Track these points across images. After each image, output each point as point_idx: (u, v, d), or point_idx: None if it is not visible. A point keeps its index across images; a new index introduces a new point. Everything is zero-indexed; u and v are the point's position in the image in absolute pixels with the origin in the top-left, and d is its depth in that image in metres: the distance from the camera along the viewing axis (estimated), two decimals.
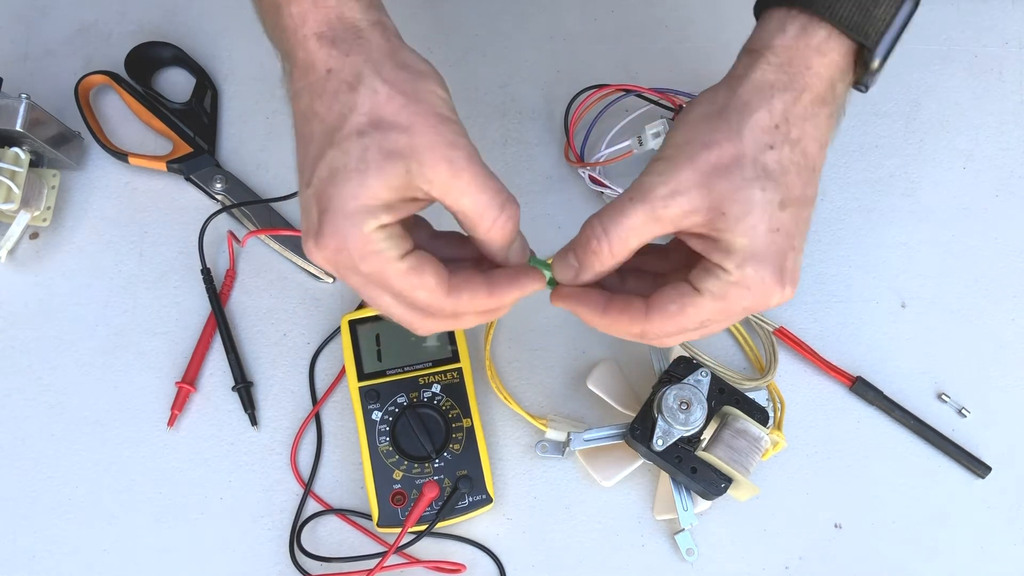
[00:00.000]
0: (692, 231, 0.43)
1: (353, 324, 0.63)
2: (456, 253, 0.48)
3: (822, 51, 0.43)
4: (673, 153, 0.43)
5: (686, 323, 0.44)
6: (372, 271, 0.43)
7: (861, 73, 0.44)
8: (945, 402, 0.64)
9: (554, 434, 0.61)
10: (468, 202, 0.42)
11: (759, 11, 0.45)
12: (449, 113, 0.43)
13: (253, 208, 0.67)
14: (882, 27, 0.43)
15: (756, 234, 0.42)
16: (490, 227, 0.43)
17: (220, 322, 0.64)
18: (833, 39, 0.43)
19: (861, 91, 0.46)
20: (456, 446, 0.60)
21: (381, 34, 0.43)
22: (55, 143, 0.65)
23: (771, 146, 0.42)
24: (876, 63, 0.43)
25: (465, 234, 0.46)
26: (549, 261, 0.48)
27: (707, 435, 0.57)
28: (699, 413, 0.55)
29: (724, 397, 0.58)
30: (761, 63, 0.43)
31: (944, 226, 0.68)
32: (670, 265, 0.49)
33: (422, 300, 0.44)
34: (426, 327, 0.46)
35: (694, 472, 0.56)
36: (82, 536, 0.61)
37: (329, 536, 0.61)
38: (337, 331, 0.65)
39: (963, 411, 0.64)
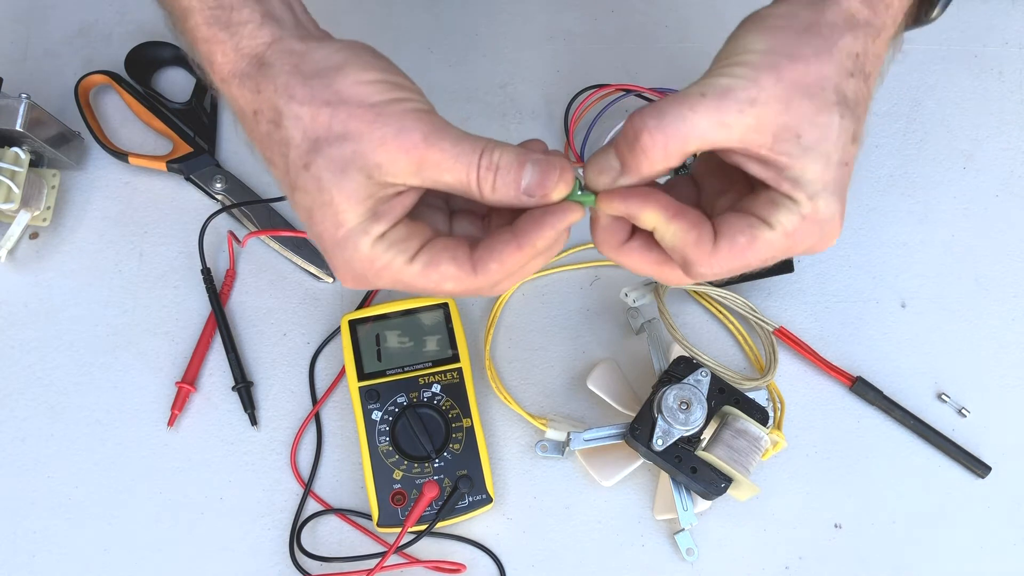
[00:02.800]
0: (752, 152, 0.39)
1: (353, 324, 0.63)
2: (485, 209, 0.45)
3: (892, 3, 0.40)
4: (754, 59, 0.38)
5: (751, 259, 0.40)
6: (391, 281, 0.42)
7: (917, 19, 0.43)
8: (945, 402, 0.64)
9: (554, 434, 0.61)
10: (449, 178, 0.40)
11: None
12: (383, 95, 0.39)
13: (253, 208, 0.67)
14: None
15: (830, 163, 0.38)
16: (485, 188, 0.40)
17: (220, 322, 0.64)
18: None
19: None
20: (456, 446, 0.60)
21: (282, 51, 0.40)
22: (55, 143, 0.65)
23: (852, 74, 0.39)
24: (936, 12, 0.43)
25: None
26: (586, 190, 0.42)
27: (707, 435, 0.57)
28: (699, 413, 0.55)
29: (724, 397, 0.58)
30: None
31: (944, 226, 0.68)
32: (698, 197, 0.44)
33: (450, 290, 0.42)
34: (491, 292, 0.43)
35: (694, 472, 0.56)
36: (82, 536, 0.61)
37: (329, 536, 0.61)
38: (337, 331, 0.65)
39: (963, 411, 0.64)
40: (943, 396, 0.64)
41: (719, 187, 0.44)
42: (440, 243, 0.42)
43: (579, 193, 0.42)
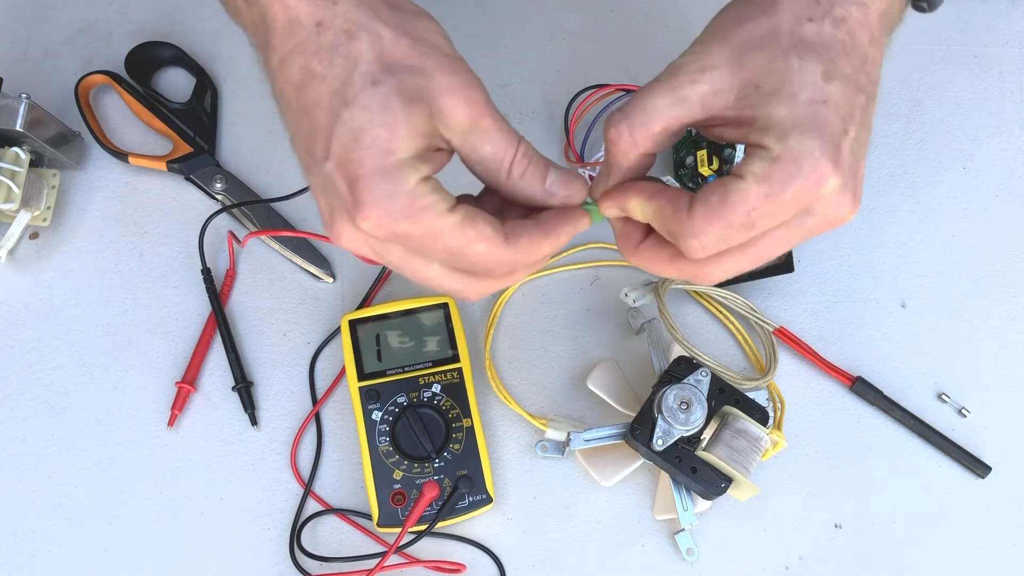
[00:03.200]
0: (725, 115, 0.40)
1: (353, 324, 0.63)
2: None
3: None
4: (705, 36, 0.40)
5: (730, 215, 0.38)
6: (424, 232, 0.39)
7: None
8: (945, 402, 0.64)
9: (554, 434, 0.61)
10: (489, 149, 0.40)
11: None
12: (455, 53, 0.40)
13: (253, 208, 0.67)
14: None
15: (796, 102, 0.38)
16: (516, 171, 0.41)
17: (220, 322, 0.64)
18: None
19: (923, 8, 0.44)
20: (456, 446, 0.60)
21: None
22: (55, 143, 0.65)
23: (810, 19, 0.39)
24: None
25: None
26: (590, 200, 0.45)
27: (707, 435, 0.57)
28: (699, 413, 0.55)
29: (724, 397, 0.58)
30: None
31: (944, 226, 0.68)
32: None
33: (479, 255, 0.41)
34: (478, 290, 0.43)
35: (694, 472, 0.56)
36: (82, 536, 0.61)
37: (329, 536, 0.61)
38: (337, 331, 0.65)
39: (963, 411, 0.64)
40: (943, 396, 0.64)
41: None
42: (475, 207, 0.41)
43: (588, 201, 0.44)
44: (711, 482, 0.56)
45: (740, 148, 0.61)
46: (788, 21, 0.39)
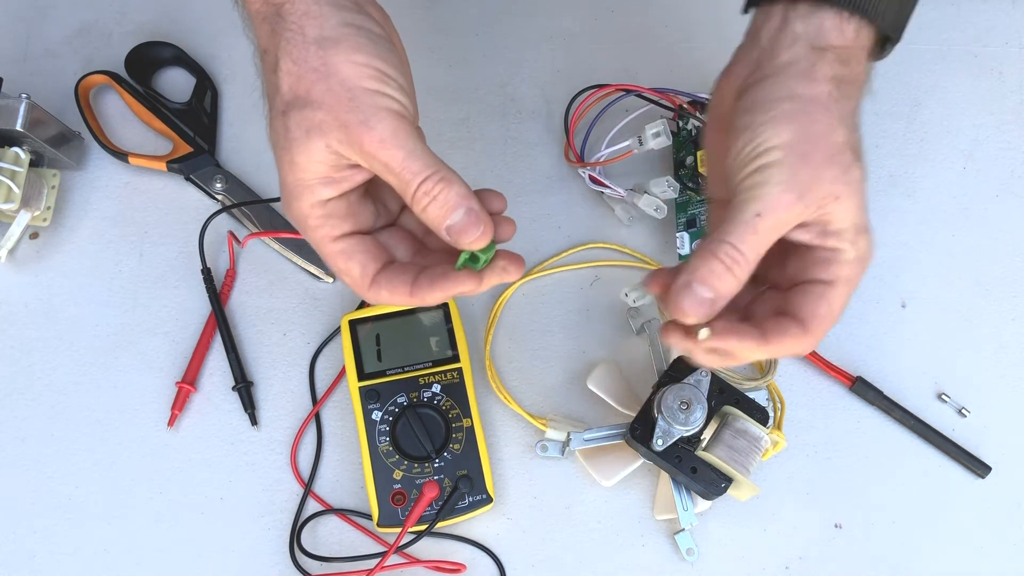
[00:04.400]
0: (803, 222, 0.43)
1: (353, 324, 0.63)
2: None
3: (866, 47, 0.45)
4: (782, 156, 0.42)
5: (836, 316, 0.44)
6: (313, 242, 0.46)
7: (874, 56, 0.47)
8: (945, 402, 0.64)
9: (554, 434, 0.61)
10: (391, 179, 0.44)
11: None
12: (365, 82, 0.42)
13: (253, 208, 0.67)
14: (906, 20, 0.46)
15: (859, 208, 0.43)
16: (417, 206, 0.44)
17: (220, 322, 0.64)
18: (872, 35, 0.45)
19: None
20: (456, 446, 0.60)
21: (297, 10, 0.43)
22: (55, 143, 0.65)
23: (855, 128, 0.44)
24: (889, 50, 0.47)
25: None
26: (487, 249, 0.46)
27: (707, 435, 0.57)
28: (699, 413, 0.55)
29: (724, 397, 0.58)
30: (828, 59, 0.44)
31: (944, 226, 0.68)
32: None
33: (346, 282, 0.47)
34: (366, 298, 0.48)
35: (694, 472, 0.56)
36: (82, 536, 0.61)
37: (329, 536, 0.61)
38: (337, 331, 0.65)
39: (963, 411, 0.64)
40: (943, 396, 0.64)
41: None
42: (365, 244, 0.46)
43: (480, 258, 0.46)
44: (711, 482, 0.56)
45: None
46: (846, 134, 0.43)
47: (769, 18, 0.46)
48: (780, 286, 0.47)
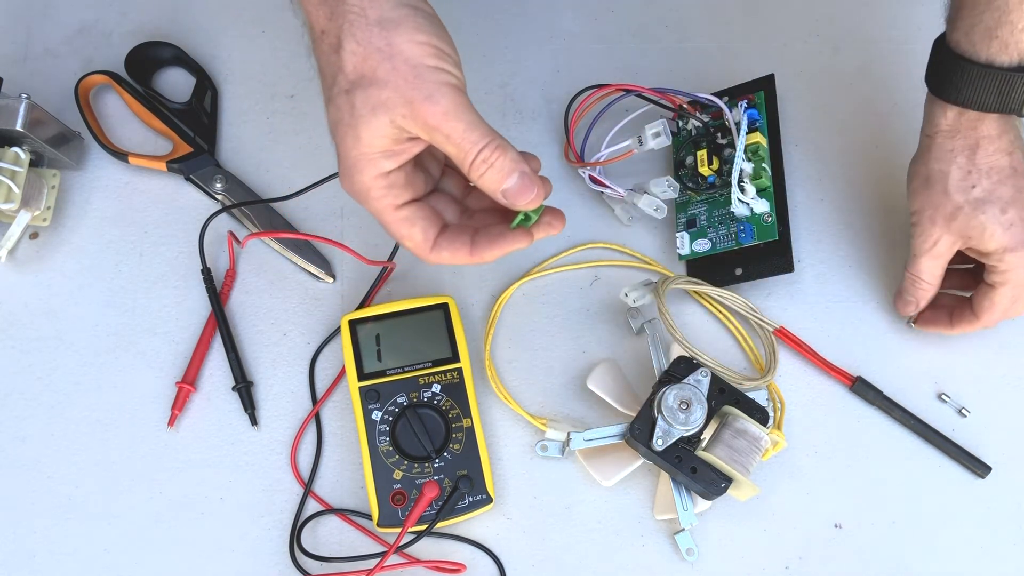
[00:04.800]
0: (963, 251, 0.60)
1: (353, 324, 0.63)
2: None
3: (981, 118, 0.56)
4: (917, 219, 0.60)
5: (1003, 305, 0.60)
6: (375, 211, 0.49)
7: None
8: (945, 402, 0.64)
9: (554, 434, 0.61)
10: (451, 150, 0.47)
11: (930, 96, 0.59)
12: (426, 59, 0.45)
13: (253, 208, 0.67)
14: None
15: (997, 235, 0.57)
16: (474, 173, 0.47)
17: (220, 322, 0.64)
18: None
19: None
20: (456, 446, 0.60)
21: None
22: (55, 143, 0.65)
23: (973, 186, 0.57)
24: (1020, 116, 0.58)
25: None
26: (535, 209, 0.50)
27: (707, 435, 0.57)
28: (699, 413, 0.55)
29: (724, 397, 0.58)
30: (938, 139, 0.58)
31: None
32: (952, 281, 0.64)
33: (407, 247, 0.50)
34: (427, 260, 0.51)
35: (694, 472, 0.56)
36: (82, 536, 0.61)
37: (329, 536, 0.61)
38: (337, 331, 0.65)
39: (963, 411, 0.64)
40: (943, 396, 0.64)
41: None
42: (424, 211, 0.50)
43: (531, 217, 0.50)
44: (711, 482, 0.56)
45: (740, 149, 0.62)
46: (960, 196, 0.57)
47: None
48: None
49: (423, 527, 0.57)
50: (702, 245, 0.65)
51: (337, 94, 0.46)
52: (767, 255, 0.64)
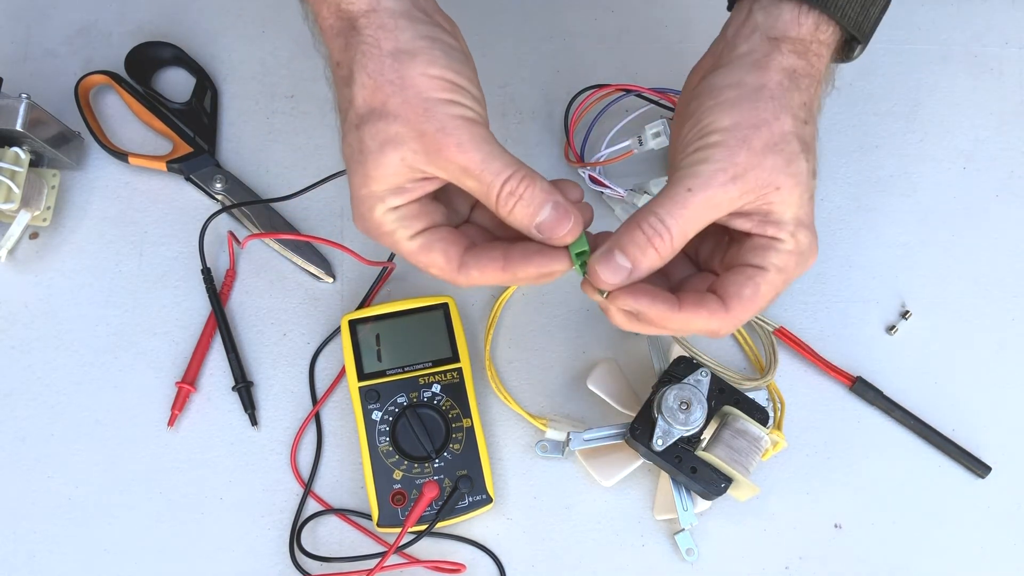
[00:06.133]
0: (744, 210, 0.44)
1: (353, 324, 0.63)
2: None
3: (829, 44, 0.46)
4: (722, 138, 0.43)
5: (761, 303, 0.45)
6: (390, 245, 0.46)
7: (841, 57, 0.48)
8: (944, 402, 0.64)
9: (554, 434, 0.61)
10: (471, 184, 0.43)
11: None
12: (439, 92, 0.43)
13: (253, 208, 0.67)
14: (873, 24, 0.47)
15: (802, 202, 0.44)
16: (502, 209, 0.43)
17: (220, 322, 0.64)
18: (835, 33, 0.46)
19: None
20: (456, 446, 0.60)
21: (372, 23, 0.44)
22: (55, 143, 0.65)
23: (805, 122, 0.45)
24: (858, 53, 0.48)
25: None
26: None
27: (707, 435, 0.57)
28: (699, 413, 0.55)
29: (724, 397, 0.58)
30: (784, 50, 0.45)
31: (944, 226, 0.68)
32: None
33: (434, 274, 0.47)
34: (458, 283, 0.47)
35: (694, 472, 0.56)
36: (82, 536, 0.61)
37: (329, 536, 0.61)
38: (337, 331, 0.65)
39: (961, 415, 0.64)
40: (942, 395, 0.64)
41: (696, 240, 0.46)
42: (441, 233, 0.46)
43: (577, 253, 0.44)
44: (711, 482, 0.56)
45: None
46: (794, 125, 0.44)
47: (739, 12, 0.47)
48: (719, 272, 0.47)
49: (423, 527, 0.57)
50: None
51: (348, 130, 0.44)
52: None
